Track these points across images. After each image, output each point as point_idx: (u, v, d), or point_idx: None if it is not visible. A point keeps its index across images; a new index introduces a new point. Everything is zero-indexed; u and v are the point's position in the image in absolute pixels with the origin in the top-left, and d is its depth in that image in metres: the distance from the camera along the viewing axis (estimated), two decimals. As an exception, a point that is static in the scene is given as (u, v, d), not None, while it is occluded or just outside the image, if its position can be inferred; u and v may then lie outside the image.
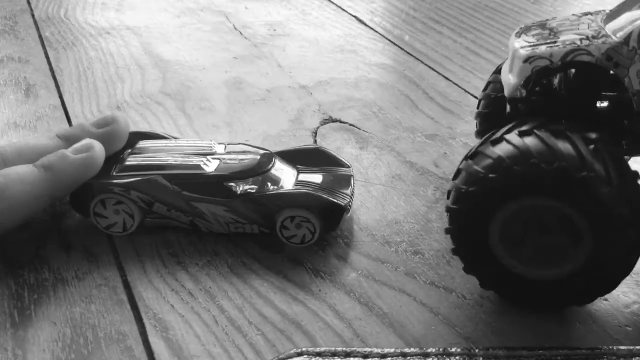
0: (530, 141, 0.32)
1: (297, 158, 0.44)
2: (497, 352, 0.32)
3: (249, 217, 0.40)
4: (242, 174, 0.40)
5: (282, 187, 0.41)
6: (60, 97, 0.57)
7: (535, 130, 0.33)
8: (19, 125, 0.53)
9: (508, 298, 0.36)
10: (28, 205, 0.38)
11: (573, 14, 0.37)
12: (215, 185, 0.40)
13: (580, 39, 0.34)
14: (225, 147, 0.43)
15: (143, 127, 0.53)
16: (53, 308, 0.36)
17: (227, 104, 0.57)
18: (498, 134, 0.34)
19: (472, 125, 0.45)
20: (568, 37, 0.34)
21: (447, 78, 0.62)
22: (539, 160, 0.32)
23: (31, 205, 0.38)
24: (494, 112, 0.42)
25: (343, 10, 0.78)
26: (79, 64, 0.63)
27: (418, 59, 0.65)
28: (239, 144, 0.44)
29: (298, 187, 0.41)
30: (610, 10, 0.36)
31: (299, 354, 0.32)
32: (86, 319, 0.35)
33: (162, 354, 0.33)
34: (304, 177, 0.42)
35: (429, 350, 0.32)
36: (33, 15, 0.75)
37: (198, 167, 0.40)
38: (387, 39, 0.70)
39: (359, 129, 0.53)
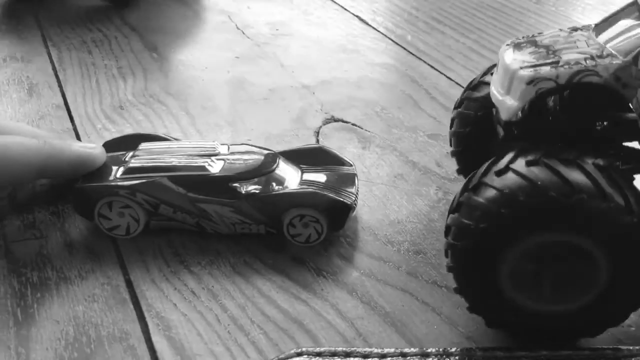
0: (541, 172, 0.30)
1: (300, 157, 0.44)
2: (497, 352, 0.32)
3: (255, 217, 0.40)
4: (247, 174, 0.40)
5: (287, 186, 0.41)
6: (63, 96, 0.58)
7: (544, 159, 0.30)
8: (22, 124, 0.53)
9: (518, 335, 0.34)
10: (22, 170, 0.40)
11: (560, 29, 0.36)
12: (220, 186, 0.40)
13: (585, 59, 0.32)
14: (229, 147, 0.43)
15: (146, 127, 0.53)
16: (56, 307, 0.36)
17: (230, 103, 0.57)
18: (502, 164, 0.31)
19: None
20: (571, 57, 0.32)
21: (449, 78, 0.62)
22: (556, 194, 0.29)
23: (25, 171, 0.40)
24: (473, 132, 0.41)
25: (345, 10, 0.78)
26: (81, 63, 0.64)
27: (420, 59, 0.65)
28: (242, 144, 0.44)
29: (303, 186, 0.41)
30: (597, 24, 0.35)
31: (299, 354, 0.32)
32: (89, 317, 0.35)
33: (165, 353, 0.33)
34: (308, 176, 0.42)
35: (428, 350, 0.32)
36: (36, 15, 0.75)
37: (203, 168, 0.40)
38: (389, 38, 0.70)
39: (362, 128, 0.53)
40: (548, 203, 0.29)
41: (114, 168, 0.42)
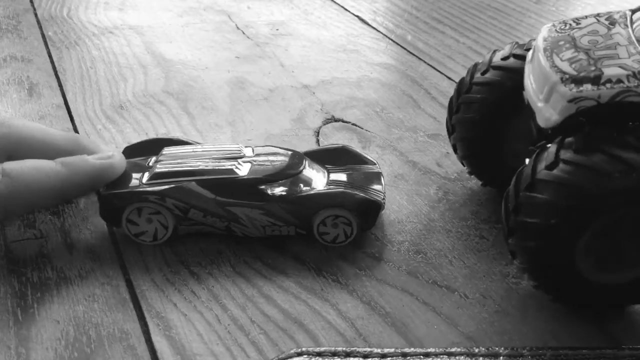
0: (591, 157, 0.31)
1: (324, 157, 0.44)
2: (498, 351, 0.32)
3: (285, 219, 0.40)
4: (276, 176, 0.40)
5: (315, 187, 0.41)
6: (63, 96, 0.58)
7: (588, 145, 0.32)
8: (22, 124, 0.53)
9: (601, 311, 0.36)
10: (40, 195, 0.38)
11: (597, 19, 0.35)
12: (250, 189, 0.39)
13: (628, 76, 0.32)
14: (253, 149, 0.43)
15: (146, 127, 0.53)
16: (56, 307, 0.36)
17: (230, 103, 0.57)
18: (549, 157, 0.32)
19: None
20: (613, 73, 0.32)
21: (449, 78, 0.62)
22: (618, 174, 0.30)
23: (43, 197, 0.38)
24: (479, 135, 0.41)
25: (345, 10, 0.78)
26: (82, 63, 0.64)
27: (420, 59, 0.65)
28: (267, 146, 0.43)
29: (332, 186, 0.41)
30: (633, 11, 0.35)
31: (299, 354, 0.32)
32: (89, 317, 0.35)
33: (165, 353, 0.33)
34: (335, 176, 0.42)
35: (429, 350, 0.32)
36: (36, 15, 0.75)
37: (231, 171, 0.40)
38: (389, 38, 0.70)
39: (362, 128, 0.53)
40: (611, 185, 0.31)
41: (139, 174, 0.41)
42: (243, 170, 0.40)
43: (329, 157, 0.44)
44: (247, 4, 0.79)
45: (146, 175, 0.41)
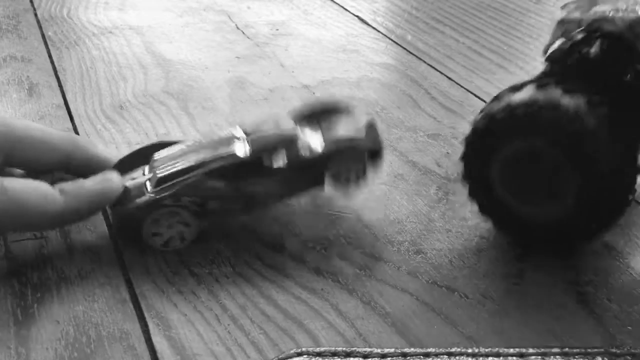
0: (542, 93, 0.36)
1: (307, 117, 0.44)
2: (498, 351, 0.32)
3: (299, 184, 0.41)
4: (277, 146, 0.40)
5: (316, 146, 0.41)
6: (63, 96, 0.58)
7: (548, 87, 0.36)
8: (22, 124, 0.53)
9: (504, 230, 0.40)
10: (34, 217, 0.37)
11: None
12: (257, 165, 0.40)
13: (611, 10, 0.36)
14: (240, 129, 0.42)
15: (146, 127, 0.53)
16: (56, 307, 0.36)
17: (230, 103, 0.57)
18: (519, 85, 0.38)
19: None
20: (602, 8, 0.36)
21: (449, 78, 0.62)
22: (543, 108, 0.36)
23: (37, 219, 0.38)
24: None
25: (345, 10, 0.78)
26: (81, 63, 0.64)
27: (420, 59, 0.65)
28: (252, 123, 0.43)
29: (331, 140, 0.41)
30: None
31: (299, 354, 0.32)
32: (89, 317, 0.35)
33: (165, 353, 0.33)
34: (326, 132, 0.43)
35: (429, 350, 0.32)
36: (36, 15, 0.75)
37: (233, 154, 0.40)
38: (389, 38, 0.70)
39: (362, 128, 0.53)
40: (534, 114, 0.36)
41: (140, 186, 0.40)
42: (242, 149, 0.40)
43: (312, 117, 0.44)
44: (247, 4, 0.79)
45: (148, 184, 0.40)
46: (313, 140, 0.42)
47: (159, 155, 0.42)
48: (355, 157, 0.41)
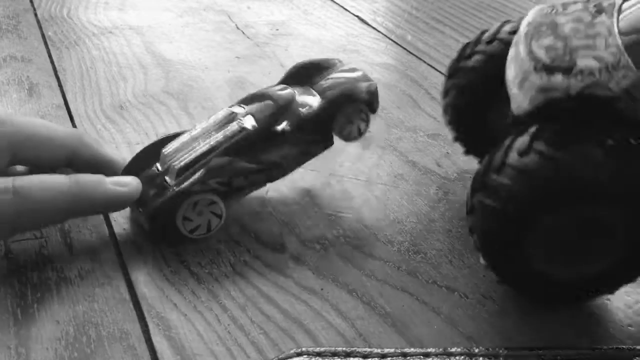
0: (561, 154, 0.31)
1: (299, 79, 0.45)
2: (498, 351, 0.32)
3: (312, 141, 0.42)
4: (280, 111, 0.41)
5: (313, 103, 0.42)
6: (63, 96, 0.58)
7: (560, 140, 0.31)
8: (22, 124, 0.53)
9: (542, 300, 0.36)
10: (48, 214, 0.38)
11: (585, 5, 0.34)
12: (268, 134, 0.41)
13: (600, 69, 0.31)
14: (239, 105, 0.43)
15: (146, 127, 0.53)
16: (56, 307, 0.36)
17: (230, 103, 0.57)
18: (522, 145, 0.32)
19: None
20: (586, 64, 0.31)
21: (449, 78, 0.62)
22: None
23: (50, 215, 0.38)
24: (470, 102, 0.42)
25: (345, 10, 0.78)
26: (81, 63, 0.64)
27: (420, 59, 0.65)
28: (248, 95, 0.44)
29: (329, 94, 0.42)
30: (625, 0, 0.33)
31: (299, 354, 0.32)
32: (89, 317, 0.35)
33: (165, 353, 0.33)
34: (319, 87, 0.44)
35: (429, 350, 0.32)
36: (36, 15, 0.75)
37: (242, 128, 0.41)
38: (389, 38, 0.70)
39: (362, 128, 0.53)
40: (572, 182, 0.31)
41: (160, 178, 0.41)
42: (250, 122, 0.41)
43: (302, 77, 0.45)
44: (247, 4, 0.79)
45: (170, 174, 0.40)
46: (309, 99, 0.43)
47: (167, 149, 0.42)
48: (353, 105, 0.42)
